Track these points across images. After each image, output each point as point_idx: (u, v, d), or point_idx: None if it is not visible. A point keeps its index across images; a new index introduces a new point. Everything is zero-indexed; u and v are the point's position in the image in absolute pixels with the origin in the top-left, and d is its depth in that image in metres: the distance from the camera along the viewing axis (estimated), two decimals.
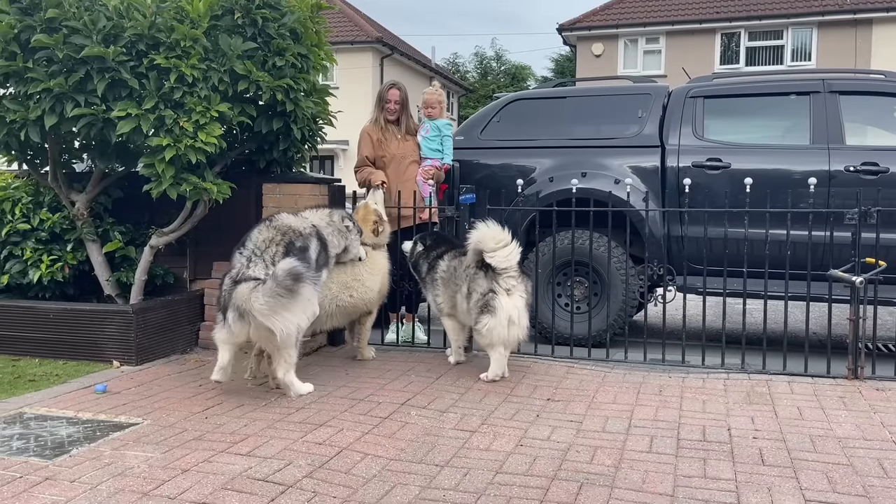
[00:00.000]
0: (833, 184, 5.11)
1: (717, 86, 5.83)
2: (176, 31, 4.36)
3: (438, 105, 5.46)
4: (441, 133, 5.40)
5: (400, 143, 5.37)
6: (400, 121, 5.43)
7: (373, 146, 5.33)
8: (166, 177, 4.41)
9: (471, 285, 4.31)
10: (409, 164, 5.36)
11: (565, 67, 33.30)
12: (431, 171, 5.35)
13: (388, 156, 5.33)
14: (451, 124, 5.58)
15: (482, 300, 4.23)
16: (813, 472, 2.92)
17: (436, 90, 5.53)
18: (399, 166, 5.32)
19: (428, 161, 5.40)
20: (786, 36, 20.15)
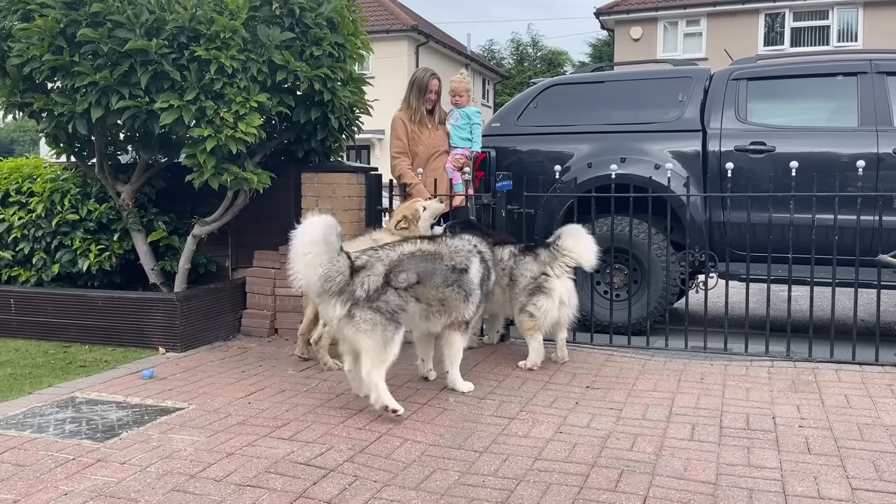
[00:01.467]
0: (882, 167, 4.96)
1: (760, 67, 5.69)
2: (216, 22, 4.42)
3: (466, 93, 5.41)
4: (471, 121, 5.35)
5: (431, 132, 5.32)
6: (434, 110, 5.39)
7: (407, 134, 5.28)
8: (207, 167, 4.48)
9: (515, 272, 4.32)
10: (441, 153, 5.34)
11: (603, 52, 32.85)
12: (462, 159, 5.31)
13: (422, 146, 5.29)
14: (480, 112, 5.52)
15: (533, 284, 4.27)
16: (860, 461, 2.86)
17: (463, 78, 5.49)
18: (431, 156, 5.29)
19: (458, 150, 5.35)
20: (831, 16, 19.56)
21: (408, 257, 3.53)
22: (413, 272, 3.50)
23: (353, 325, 3.35)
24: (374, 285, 3.38)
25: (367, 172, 5.36)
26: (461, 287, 3.67)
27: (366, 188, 5.27)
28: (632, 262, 5.33)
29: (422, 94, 5.26)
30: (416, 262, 3.54)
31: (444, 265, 3.63)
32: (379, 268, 3.43)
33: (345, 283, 3.33)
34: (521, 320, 4.33)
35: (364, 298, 3.35)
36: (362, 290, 3.36)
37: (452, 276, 3.65)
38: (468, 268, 3.73)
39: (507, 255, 4.39)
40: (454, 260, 3.68)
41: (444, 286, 3.61)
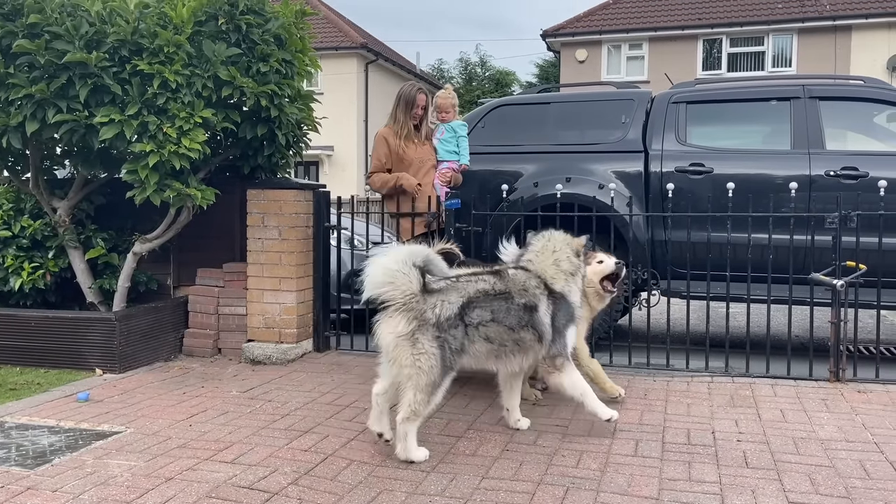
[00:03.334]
0: (814, 188, 5.16)
1: (699, 91, 5.88)
2: (159, 36, 4.34)
3: (452, 109, 5.29)
4: (457, 134, 5.24)
5: (418, 147, 5.14)
6: (420, 126, 5.23)
7: (390, 152, 5.09)
8: (150, 183, 4.38)
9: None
10: (428, 168, 5.15)
11: (550, 73, 33.45)
12: (449, 174, 5.19)
13: (407, 161, 5.09)
14: (466, 125, 5.41)
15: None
16: (796, 474, 2.95)
17: (448, 93, 5.36)
18: (419, 172, 5.13)
19: (445, 164, 5.21)
20: (766, 42, 20.37)
21: (483, 293, 3.21)
22: (487, 309, 3.18)
23: (412, 352, 2.99)
24: (448, 314, 3.06)
25: (314, 189, 5.32)
26: (535, 328, 3.30)
27: (313, 205, 5.23)
28: None
29: (409, 109, 5.13)
30: (490, 299, 3.21)
31: (515, 303, 3.26)
32: (454, 297, 3.11)
33: (413, 297, 3.02)
34: None
35: (433, 324, 3.02)
36: (433, 313, 3.03)
37: (525, 315, 3.28)
38: (537, 305, 3.33)
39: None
40: (524, 298, 3.30)
41: (519, 327, 3.26)
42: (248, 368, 4.81)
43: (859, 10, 19.44)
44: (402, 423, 3.03)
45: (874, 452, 3.19)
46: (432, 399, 3.03)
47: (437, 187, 5.11)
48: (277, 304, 5.02)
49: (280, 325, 5.01)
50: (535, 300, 3.31)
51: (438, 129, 5.28)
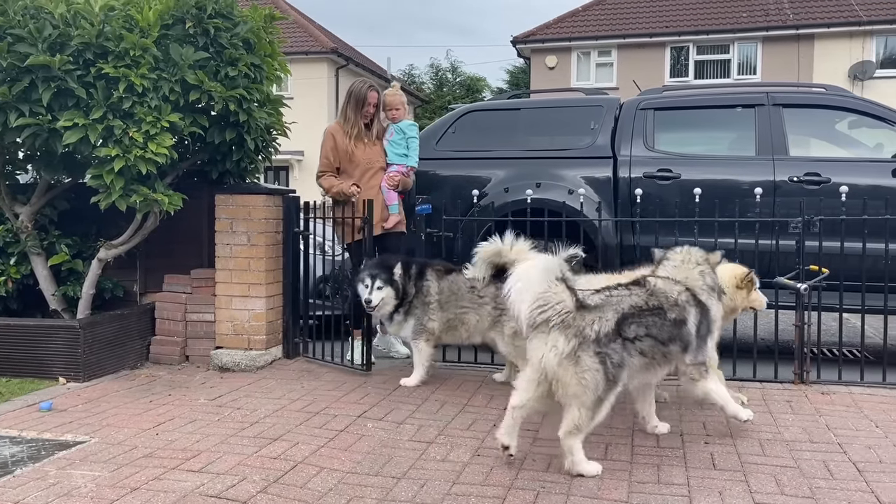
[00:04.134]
0: (778, 194, 5.26)
1: (666, 98, 5.96)
2: (125, 39, 4.28)
3: (402, 106, 5.14)
4: (406, 135, 5.11)
5: (367, 148, 5.04)
6: (371, 125, 5.10)
7: (337, 150, 5.00)
8: (115, 188, 4.31)
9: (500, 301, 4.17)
10: (377, 170, 5.07)
11: (520, 79, 33.65)
12: (397, 177, 5.08)
13: (356, 162, 5.00)
14: (416, 125, 5.23)
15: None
16: (762, 475, 2.99)
17: (397, 91, 5.21)
18: (366, 173, 5.03)
19: (394, 167, 5.11)
20: (732, 50, 20.72)
21: (637, 308, 3.13)
22: (642, 325, 3.11)
23: (577, 371, 2.90)
24: (606, 329, 2.98)
25: (284, 194, 5.28)
26: (682, 340, 3.25)
27: (283, 210, 5.19)
28: None
29: (359, 108, 5.00)
30: (644, 314, 3.13)
31: (667, 318, 3.20)
32: (610, 313, 3.03)
33: (569, 315, 2.95)
34: (514, 343, 4.23)
35: (593, 340, 2.94)
36: (592, 329, 2.95)
37: (675, 329, 3.22)
38: (686, 319, 3.27)
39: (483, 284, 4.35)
40: (674, 312, 3.23)
41: (670, 341, 3.20)
42: (217, 376, 4.75)
43: (821, 19, 19.89)
44: (566, 437, 2.97)
45: (837, 453, 3.25)
46: (597, 415, 2.96)
47: (384, 190, 5.05)
48: (246, 310, 4.96)
49: (249, 332, 4.95)
50: (685, 314, 3.27)
51: (388, 130, 5.17)
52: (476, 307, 4.40)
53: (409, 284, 4.49)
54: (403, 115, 5.18)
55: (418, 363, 4.48)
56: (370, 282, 4.38)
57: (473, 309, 4.41)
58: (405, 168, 5.13)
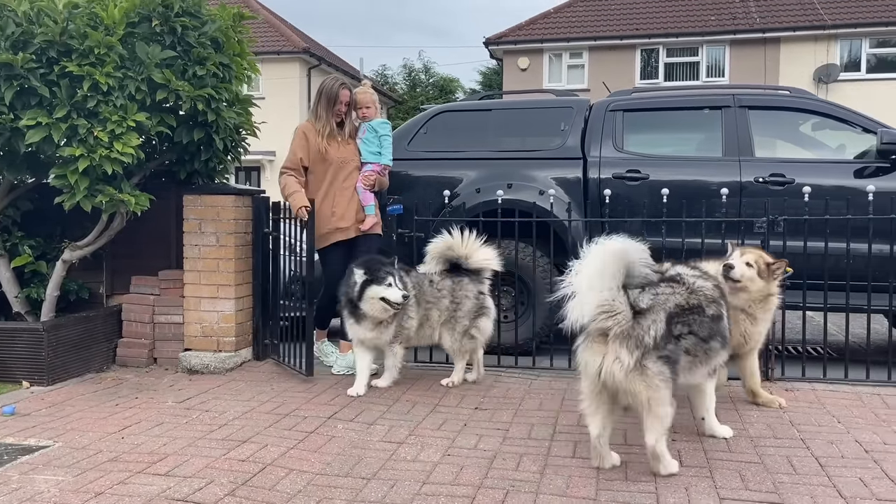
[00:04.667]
0: (744, 194, 5.34)
1: (635, 100, 6.02)
2: (89, 37, 4.22)
3: (373, 104, 5.04)
4: (378, 133, 4.98)
5: (340, 146, 4.91)
6: (344, 123, 4.99)
7: (308, 149, 4.85)
8: (80, 188, 4.25)
9: (457, 294, 4.46)
10: (352, 170, 4.94)
11: (493, 80, 33.78)
12: (372, 176, 4.95)
13: (329, 161, 4.86)
14: (388, 123, 5.10)
15: (476, 304, 4.47)
16: (727, 471, 3.04)
17: (367, 89, 5.09)
18: (339, 173, 4.89)
19: (369, 166, 4.98)
20: (701, 53, 21.00)
21: (680, 308, 3.10)
22: (686, 324, 3.08)
23: (646, 380, 2.86)
24: (661, 332, 2.93)
25: (253, 195, 5.24)
26: (721, 335, 3.26)
27: (252, 211, 5.15)
28: (518, 285, 5.46)
29: (331, 106, 4.88)
30: (686, 313, 3.11)
31: (706, 315, 3.19)
32: (661, 314, 2.98)
33: (628, 324, 2.88)
34: (464, 343, 4.47)
35: (652, 347, 2.89)
36: (650, 336, 2.89)
37: (714, 325, 3.22)
38: (723, 314, 3.29)
39: (439, 277, 4.51)
40: (712, 308, 3.23)
41: (710, 337, 3.19)
42: (185, 378, 4.70)
43: (787, 23, 20.24)
44: (657, 443, 2.93)
45: (801, 448, 3.31)
46: (669, 416, 2.93)
47: (359, 191, 4.93)
48: (215, 311, 4.92)
49: (218, 334, 4.91)
50: (721, 308, 3.27)
51: (361, 129, 5.07)
52: (436, 302, 4.48)
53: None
54: (375, 114, 5.07)
55: (393, 366, 4.44)
56: (398, 280, 4.21)
57: (434, 304, 4.48)
58: (380, 167, 5.01)
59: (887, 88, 19.14)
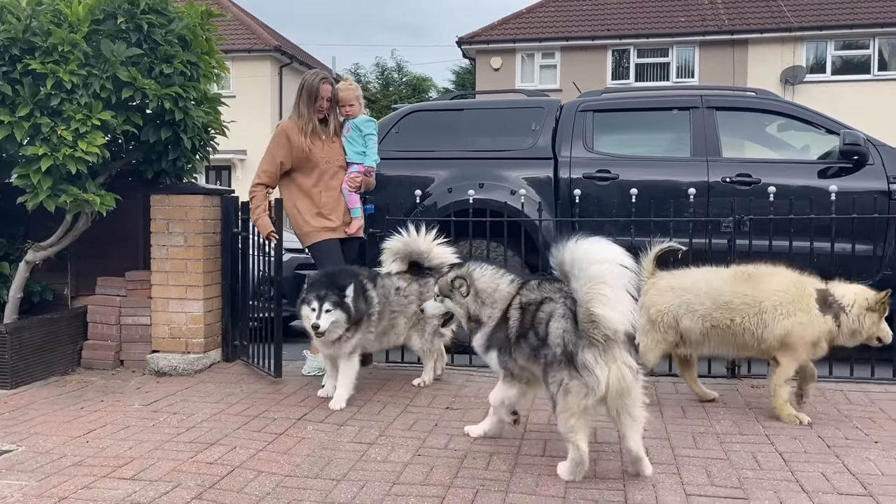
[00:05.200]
0: (712, 194, 5.42)
1: (605, 100, 6.08)
2: (53, 35, 4.15)
3: (357, 101, 4.76)
4: (362, 132, 4.74)
5: (325, 145, 4.68)
6: (328, 120, 4.74)
7: (291, 150, 4.60)
8: (43, 188, 4.17)
9: (424, 298, 4.13)
10: (337, 169, 4.71)
11: (466, 80, 33.80)
12: (358, 178, 4.73)
13: (314, 162, 4.64)
14: (373, 121, 4.89)
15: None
16: (693, 468, 3.08)
17: (350, 84, 4.82)
18: (325, 174, 4.68)
19: (354, 167, 4.75)
20: (671, 54, 21.24)
21: None
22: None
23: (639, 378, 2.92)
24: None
25: (222, 195, 5.19)
26: None
27: (221, 211, 5.10)
28: None
29: (312, 102, 4.62)
30: None
31: None
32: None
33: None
34: (434, 342, 4.43)
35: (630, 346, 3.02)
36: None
37: None
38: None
39: (406, 283, 4.41)
40: None
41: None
42: (153, 380, 4.64)
43: (755, 25, 20.57)
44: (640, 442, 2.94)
45: (765, 444, 3.37)
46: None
47: (344, 193, 4.74)
48: (184, 312, 4.86)
49: (187, 335, 4.85)
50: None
51: (345, 126, 4.86)
52: (403, 308, 4.38)
53: (360, 300, 4.14)
54: (359, 111, 4.80)
55: (351, 381, 4.07)
56: (317, 304, 3.93)
57: (401, 312, 4.38)
58: (365, 167, 4.76)
59: (851, 90, 19.54)
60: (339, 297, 3.95)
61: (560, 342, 2.87)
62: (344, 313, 3.95)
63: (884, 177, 5.28)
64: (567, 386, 2.83)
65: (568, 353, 2.83)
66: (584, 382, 2.79)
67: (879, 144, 5.43)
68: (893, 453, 3.24)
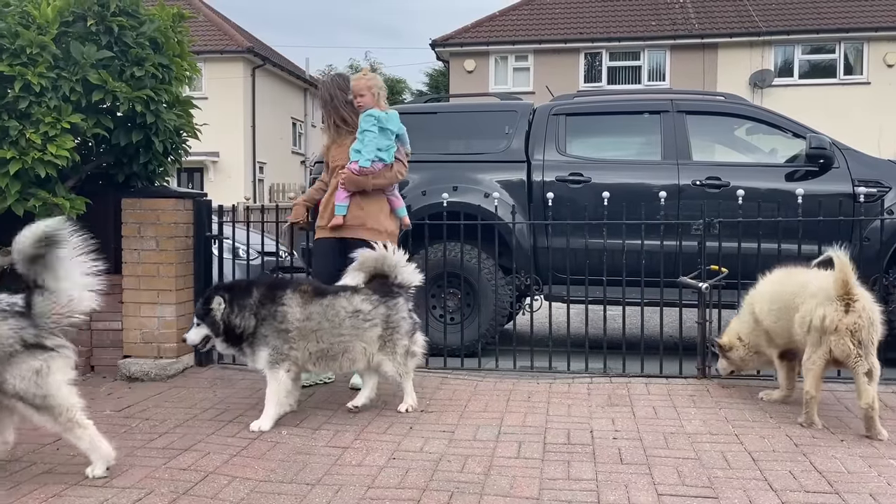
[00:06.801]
0: (682, 197, 5.51)
1: (577, 104, 6.14)
2: (21, 36, 4.09)
3: (368, 91, 4.39)
4: (362, 129, 4.36)
5: (338, 147, 4.54)
6: (347, 122, 4.56)
7: (325, 152, 4.69)
8: (11, 192, 4.11)
9: (392, 318, 3.90)
10: (341, 170, 4.48)
11: (439, 82, 33.86)
12: (343, 177, 4.38)
13: (328, 163, 4.60)
14: (373, 116, 4.34)
15: (411, 321, 4.00)
16: (665, 468, 3.13)
17: (362, 74, 4.54)
18: (333, 175, 4.55)
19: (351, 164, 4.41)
20: (643, 57, 21.50)
21: None
22: None
23: None
24: None
25: (195, 198, 5.15)
26: None
27: (194, 214, 5.06)
28: (464, 287, 5.50)
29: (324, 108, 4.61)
30: None
31: None
32: None
33: None
34: (408, 363, 3.98)
35: None
36: None
37: None
38: None
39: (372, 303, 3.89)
40: None
41: None
42: (125, 386, 4.59)
43: (724, 29, 20.90)
44: None
45: (735, 444, 3.43)
46: None
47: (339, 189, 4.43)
48: (156, 317, 4.81)
49: (159, 340, 4.80)
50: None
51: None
52: (361, 333, 3.84)
53: (244, 314, 3.76)
54: (371, 102, 4.39)
55: (275, 397, 3.73)
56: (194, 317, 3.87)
57: (357, 336, 3.84)
58: (356, 167, 4.31)
59: (818, 94, 19.94)
60: (205, 310, 3.77)
61: None
62: (207, 326, 3.77)
63: (849, 180, 5.40)
64: None
65: None
66: None
67: (844, 148, 5.56)
68: (858, 451, 3.32)
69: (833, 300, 3.51)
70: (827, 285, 3.58)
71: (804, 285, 3.77)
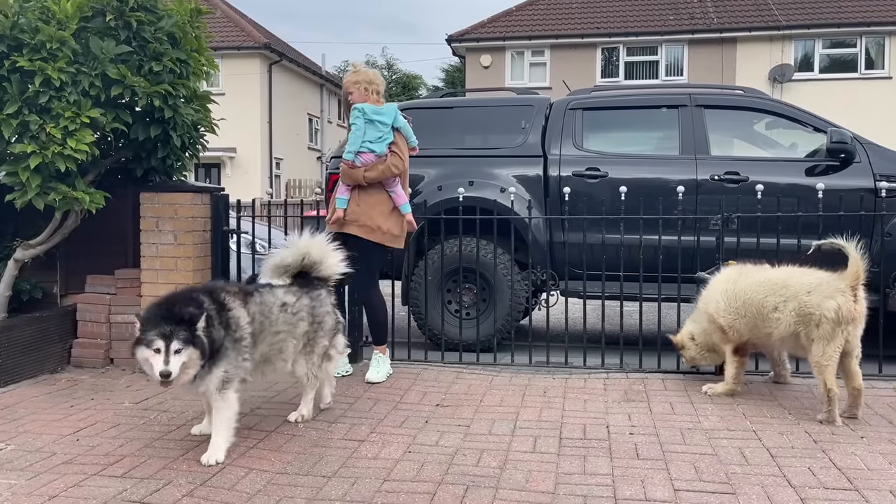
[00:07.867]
0: (700, 192, 5.46)
1: (594, 98, 6.10)
2: (41, 32, 4.13)
3: (354, 87, 4.45)
4: (350, 124, 4.49)
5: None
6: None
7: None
8: (32, 186, 4.16)
9: (317, 311, 3.62)
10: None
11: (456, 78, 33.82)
12: (341, 169, 4.47)
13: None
14: (360, 110, 4.40)
15: (334, 318, 3.74)
16: (682, 463, 3.11)
17: (352, 72, 4.57)
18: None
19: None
20: (660, 52, 21.32)
21: None
22: None
23: None
24: None
25: (212, 192, 5.18)
26: None
27: (211, 209, 5.09)
28: (479, 282, 5.49)
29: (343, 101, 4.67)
30: None
31: None
32: None
33: None
34: (322, 368, 3.71)
35: None
36: None
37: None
38: None
39: (294, 298, 3.55)
40: None
41: None
42: (143, 378, 4.62)
43: (743, 23, 20.67)
44: None
45: (752, 440, 3.40)
46: None
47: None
48: None
49: None
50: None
51: None
52: (292, 329, 3.51)
53: (215, 327, 3.14)
54: (359, 98, 4.46)
55: (228, 422, 3.19)
56: (163, 344, 2.93)
57: (290, 333, 3.51)
58: (349, 162, 4.42)
59: (839, 88, 19.68)
60: (190, 331, 2.97)
61: None
62: (197, 350, 2.98)
63: (870, 175, 5.33)
64: None
65: None
66: None
67: (866, 142, 5.48)
68: (878, 448, 3.28)
69: (844, 291, 3.61)
70: (827, 279, 3.70)
71: (781, 283, 3.85)
